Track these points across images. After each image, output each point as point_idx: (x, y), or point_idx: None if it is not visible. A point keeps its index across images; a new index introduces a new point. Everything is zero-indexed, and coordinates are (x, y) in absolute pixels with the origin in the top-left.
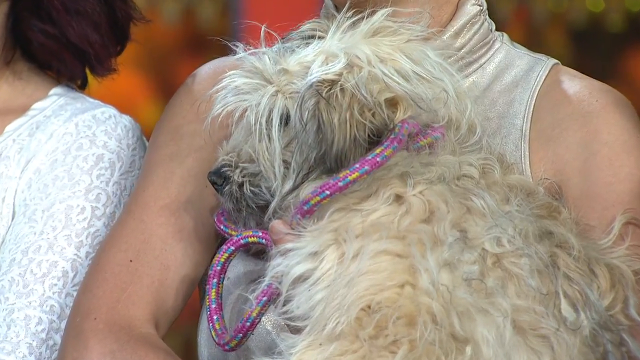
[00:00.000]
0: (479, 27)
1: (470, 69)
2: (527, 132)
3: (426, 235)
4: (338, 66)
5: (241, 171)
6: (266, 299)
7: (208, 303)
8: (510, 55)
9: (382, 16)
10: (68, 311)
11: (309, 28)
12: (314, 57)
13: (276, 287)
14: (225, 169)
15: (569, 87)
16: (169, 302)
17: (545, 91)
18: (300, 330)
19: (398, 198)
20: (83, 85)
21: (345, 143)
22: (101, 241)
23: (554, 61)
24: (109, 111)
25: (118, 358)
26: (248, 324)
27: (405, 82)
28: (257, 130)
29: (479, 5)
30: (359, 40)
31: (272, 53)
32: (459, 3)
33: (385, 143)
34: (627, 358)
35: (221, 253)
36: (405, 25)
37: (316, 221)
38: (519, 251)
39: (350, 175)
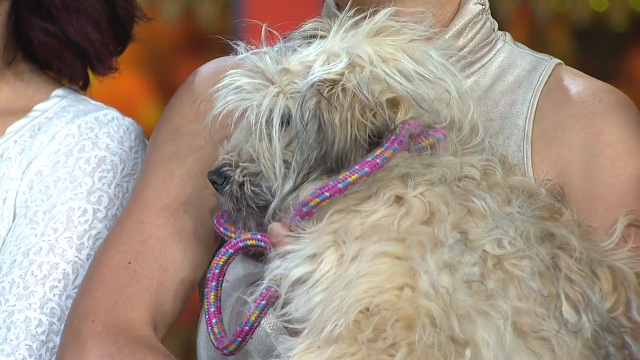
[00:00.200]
0: (481, 27)
1: (472, 69)
2: (530, 133)
3: (426, 237)
4: (340, 66)
5: (242, 171)
6: (265, 303)
7: (207, 306)
8: (512, 55)
9: (385, 15)
10: None
11: (311, 27)
12: (316, 57)
13: (275, 290)
14: (225, 169)
15: (572, 88)
16: (168, 304)
17: (548, 91)
18: (298, 332)
19: (398, 199)
20: (84, 86)
21: (346, 143)
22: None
23: (557, 61)
24: (112, 113)
25: None
26: (247, 328)
27: (407, 83)
28: (258, 130)
29: (481, 4)
30: (361, 39)
31: (274, 52)
32: (461, 2)
33: (385, 144)
34: None
35: (219, 256)
36: (407, 24)
37: (315, 223)
38: (520, 253)
39: (350, 176)
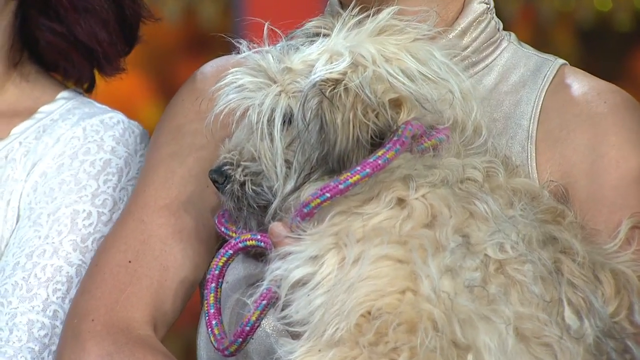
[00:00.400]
0: (486, 26)
1: (476, 69)
2: (534, 133)
3: (428, 240)
4: (342, 65)
5: (243, 170)
6: (265, 303)
7: (206, 308)
8: (517, 55)
9: (388, 14)
10: None
11: (314, 25)
12: (318, 56)
13: (275, 291)
14: (226, 168)
15: (577, 88)
16: (168, 304)
17: (552, 92)
18: (299, 335)
19: (400, 202)
20: (90, 88)
21: (347, 143)
22: (98, 237)
23: (562, 61)
24: (117, 116)
25: None
26: (247, 329)
27: (410, 83)
28: (260, 129)
29: (486, 3)
30: (365, 39)
31: (276, 51)
32: (466, 1)
33: (387, 145)
34: None
35: (219, 257)
36: (411, 24)
37: (316, 224)
38: (522, 257)
39: (351, 177)
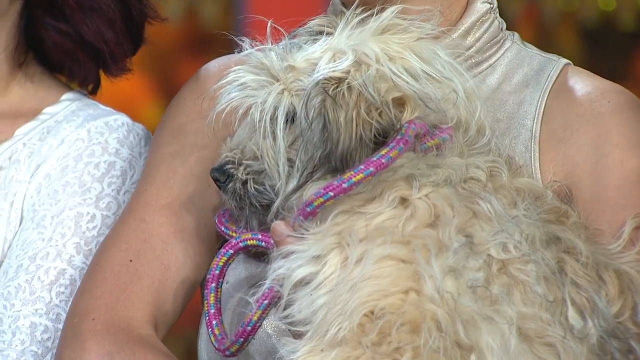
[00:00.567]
0: (489, 26)
1: (480, 68)
2: (537, 133)
3: (431, 240)
4: (346, 63)
5: (245, 168)
6: (267, 303)
7: (207, 308)
8: (520, 54)
9: (392, 13)
10: None
11: (317, 24)
12: (322, 54)
13: (277, 290)
14: (228, 166)
15: (581, 88)
16: (169, 303)
17: (556, 92)
18: (301, 335)
19: (403, 201)
20: (94, 90)
21: (351, 142)
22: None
23: (566, 61)
24: (122, 119)
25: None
26: (249, 329)
27: (414, 82)
28: (262, 127)
29: (489, 3)
30: (368, 37)
31: (279, 49)
32: (469, 1)
33: (391, 144)
34: None
35: (219, 257)
36: (415, 23)
37: (319, 223)
38: (526, 257)
39: (354, 176)
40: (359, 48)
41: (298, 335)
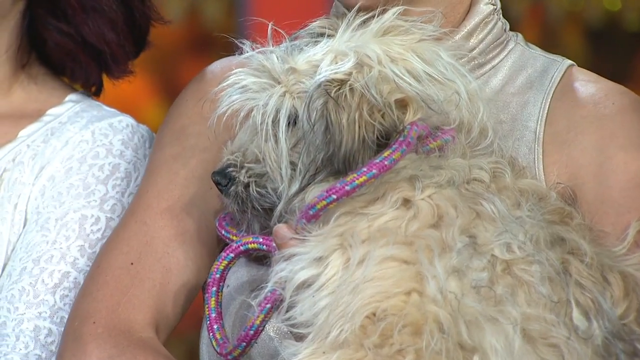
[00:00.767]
0: (493, 27)
1: (483, 70)
2: (541, 135)
3: (434, 241)
4: (347, 65)
5: (247, 172)
6: (270, 306)
7: (207, 312)
8: (524, 56)
9: (394, 15)
10: None
11: (318, 26)
12: (323, 56)
13: (279, 293)
14: (230, 169)
15: (585, 89)
16: (170, 307)
17: (560, 93)
18: (303, 337)
19: (406, 202)
20: (97, 92)
21: (353, 144)
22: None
23: (569, 62)
24: (126, 120)
25: None
26: (252, 332)
27: (416, 83)
28: (264, 130)
29: (493, 4)
30: (370, 39)
31: (280, 51)
32: (472, 2)
33: (394, 146)
34: None
35: (220, 260)
36: (417, 24)
37: (321, 225)
38: (530, 258)
39: (357, 179)
40: (361, 50)
41: (300, 337)
